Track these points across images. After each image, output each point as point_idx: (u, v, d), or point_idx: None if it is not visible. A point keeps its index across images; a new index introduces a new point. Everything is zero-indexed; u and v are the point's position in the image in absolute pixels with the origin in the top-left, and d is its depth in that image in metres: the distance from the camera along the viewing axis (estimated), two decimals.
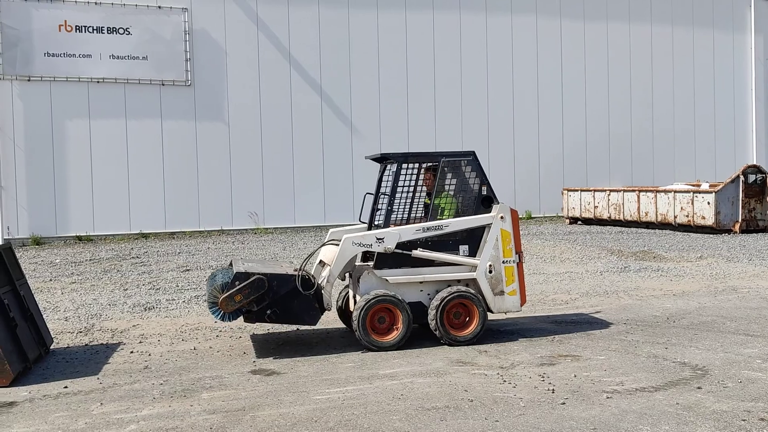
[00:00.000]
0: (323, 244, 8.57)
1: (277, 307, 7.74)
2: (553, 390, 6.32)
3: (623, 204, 23.07)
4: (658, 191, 22.11)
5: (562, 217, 26.08)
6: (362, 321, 7.77)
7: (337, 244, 8.08)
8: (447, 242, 8.16)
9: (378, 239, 7.95)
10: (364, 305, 7.77)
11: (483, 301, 8.11)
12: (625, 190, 23.29)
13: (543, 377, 6.72)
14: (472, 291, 8.06)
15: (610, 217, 23.60)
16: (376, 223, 8.60)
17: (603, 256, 15.74)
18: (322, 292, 7.98)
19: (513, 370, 7.01)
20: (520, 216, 25.91)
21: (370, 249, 8.00)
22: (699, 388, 6.34)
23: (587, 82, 27.54)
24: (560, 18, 27.01)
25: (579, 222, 25.14)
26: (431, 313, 7.93)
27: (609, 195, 23.68)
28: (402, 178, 8.41)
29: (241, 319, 9.85)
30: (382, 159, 8.77)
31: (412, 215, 8.70)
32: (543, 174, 26.89)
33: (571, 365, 7.13)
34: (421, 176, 8.79)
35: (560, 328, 8.90)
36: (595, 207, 24.12)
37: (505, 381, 6.63)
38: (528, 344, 8.05)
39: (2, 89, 20.97)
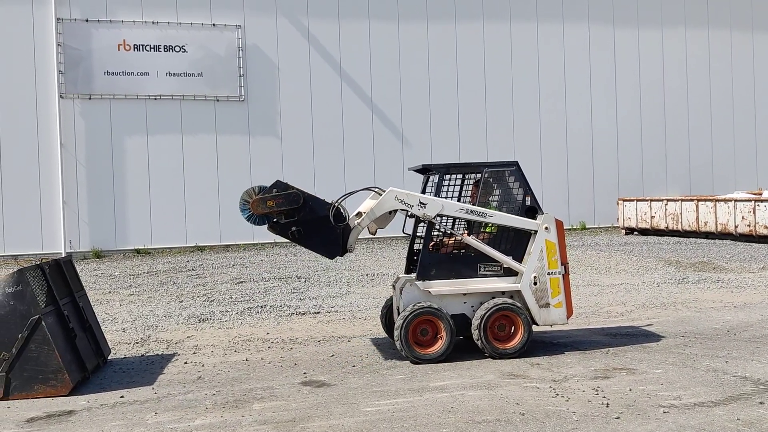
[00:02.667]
0: (368, 188, 8.56)
1: (303, 227, 7.84)
2: (607, 404, 6.18)
3: (681, 214, 22.50)
4: (717, 200, 21.50)
5: (618, 227, 25.59)
6: (404, 334, 7.73)
7: (381, 195, 8.11)
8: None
9: (421, 203, 7.94)
10: (406, 318, 7.73)
11: (528, 313, 7.97)
12: (683, 200, 22.72)
13: (597, 391, 6.57)
14: (517, 303, 7.94)
15: (667, 228, 23.04)
16: (418, 234, 8.56)
17: (660, 267, 15.36)
18: (351, 234, 8.02)
19: (566, 383, 6.88)
20: (575, 227, 25.66)
21: (410, 210, 7.99)
22: (761, 403, 6.11)
23: (642, 89, 27.00)
24: (613, 26, 26.59)
25: (635, 232, 24.61)
26: (475, 325, 7.83)
27: (666, 205, 23.13)
28: (444, 189, 8.37)
29: (291, 331, 9.96)
30: (425, 170, 8.75)
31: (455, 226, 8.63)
32: (597, 184, 26.45)
33: (626, 379, 6.96)
34: (465, 187, 8.72)
35: (615, 340, 8.70)
36: (652, 217, 23.59)
37: (557, 394, 6.51)
38: (581, 357, 7.89)
39: (65, 108, 21.72)
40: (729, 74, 27.96)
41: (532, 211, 8.17)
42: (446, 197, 8.43)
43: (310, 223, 7.84)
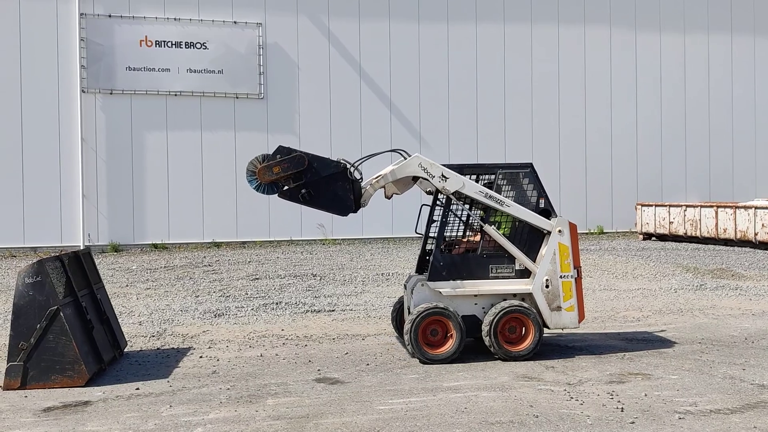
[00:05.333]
0: (394, 150, 8.62)
1: (312, 189, 7.87)
2: (622, 409, 6.14)
3: (700, 220, 22.31)
4: (737, 207, 21.29)
5: (635, 232, 25.40)
6: (414, 334, 7.71)
7: (406, 158, 8.15)
8: (503, 254, 8.04)
9: (443, 176, 7.96)
10: (416, 318, 7.71)
11: (539, 316, 7.92)
12: (702, 206, 22.52)
13: (612, 395, 6.54)
14: (528, 305, 7.91)
15: (685, 234, 22.85)
16: (431, 234, 8.54)
17: (678, 273, 15.23)
18: (366, 189, 8.09)
19: (580, 386, 6.85)
20: (592, 231, 25.50)
21: (431, 180, 7.97)
22: None
23: (663, 93, 26.79)
24: (635, 30, 26.40)
25: (653, 238, 24.43)
26: (485, 327, 7.79)
27: (685, 210, 22.94)
28: None
29: (306, 328, 9.99)
30: None
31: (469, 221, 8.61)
32: (616, 188, 26.28)
33: (642, 384, 6.92)
34: None
35: (631, 345, 8.65)
36: (671, 223, 23.40)
37: (572, 398, 6.48)
38: (597, 361, 7.85)
39: (86, 102, 21.91)
40: (751, 80, 27.67)
41: (545, 213, 8.13)
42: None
43: (318, 183, 7.90)
